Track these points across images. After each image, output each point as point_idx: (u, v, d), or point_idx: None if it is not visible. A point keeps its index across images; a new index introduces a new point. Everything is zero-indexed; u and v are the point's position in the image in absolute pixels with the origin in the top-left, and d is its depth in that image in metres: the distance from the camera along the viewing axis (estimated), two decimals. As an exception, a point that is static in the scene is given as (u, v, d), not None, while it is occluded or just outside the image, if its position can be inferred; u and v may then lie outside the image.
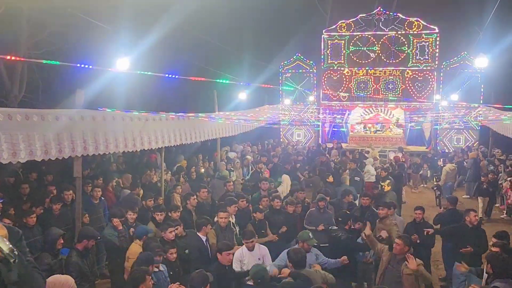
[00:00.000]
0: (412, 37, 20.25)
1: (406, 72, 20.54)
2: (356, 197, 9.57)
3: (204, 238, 6.20)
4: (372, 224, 7.14)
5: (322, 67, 21.41)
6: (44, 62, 7.20)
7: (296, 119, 20.83)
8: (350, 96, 20.88)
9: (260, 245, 6.11)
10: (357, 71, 21.05)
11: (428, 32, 20.14)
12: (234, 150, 15.73)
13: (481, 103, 19.10)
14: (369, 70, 20.89)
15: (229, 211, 6.93)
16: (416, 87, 20.51)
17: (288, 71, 21.92)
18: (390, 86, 20.73)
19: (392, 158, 15.74)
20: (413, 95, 20.43)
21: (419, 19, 20.17)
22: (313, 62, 21.74)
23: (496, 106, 15.31)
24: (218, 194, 9.34)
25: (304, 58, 21.80)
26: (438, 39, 20.13)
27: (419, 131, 21.57)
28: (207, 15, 18.13)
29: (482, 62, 13.05)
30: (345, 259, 5.98)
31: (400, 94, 20.58)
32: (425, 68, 20.40)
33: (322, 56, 21.35)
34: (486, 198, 12.08)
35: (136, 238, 5.98)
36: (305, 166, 14.29)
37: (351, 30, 20.81)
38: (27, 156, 5.32)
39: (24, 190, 8.38)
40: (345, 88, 21.13)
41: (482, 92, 19.72)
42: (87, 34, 13.88)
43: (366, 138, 20.96)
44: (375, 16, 20.45)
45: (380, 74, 20.84)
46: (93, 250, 5.88)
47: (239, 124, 13.05)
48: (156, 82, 18.45)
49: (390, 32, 20.37)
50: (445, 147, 20.33)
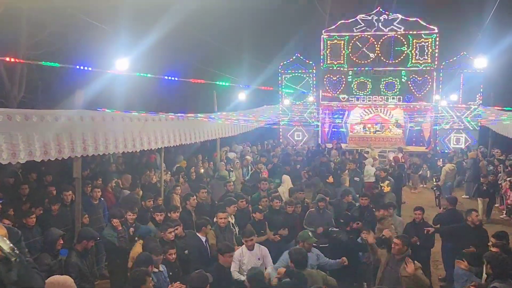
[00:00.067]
0: (411, 37, 20.24)
1: (406, 72, 20.56)
2: (356, 197, 9.58)
3: (203, 239, 6.20)
4: (371, 224, 7.18)
5: (322, 68, 21.39)
6: (44, 63, 7.19)
7: (296, 119, 20.81)
8: (350, 97, 20.91)
9: (260, 245, 6.10)
10: (356, 71, 21.07)
11: (428, 32, 20.14)
12: (234, 151, 15.72)
13: (480, 104, 19.12)
14: (368, 70, 20.91)
15: (228, 212, 6.94)
16: (416, 87, 20.54)
17: (288, 71, 21.93)
18: (390, 87, 20.74)
19: (392, 159, 15.74)
20: (412, 95, 20.47)
21: (418, 20, 20.17)
22: (312, 63, 21.74)
23: (496, 108, 15.29)
24: (218, 195, 9.34)
25: (303, 59, 21.80)
26: (438, 39, 20.14)
27: (419, 131, 21.59)
28: (207, 15, 18.13)
29: (481, 62, 13.08)
30: (344, 260, 5.97)
31: (400, 94, 20.60)
32: (424, 68, 20.41)
33: (322, 57, 21.33)
34: (486, 199, 12.03)
35: (139, 238, 5.97)
36: (304, 167, 14.29)
37: (351, 31, 20.82)
38: (27, 157, 5.32)
39: (23, 190, 8.36)
40: (344, 88, 21.13)
41: (481, 92, 19.77)
42: (86, 34, 13.88)
43: (366, 138, 20.97)
44: (375, 17, 20.45)
45: (379, 74, 20.84)
46: (92, 251, 5.88)
47: (238, 124, 13.04)
48: (155, 82, 18.45)
49: (389, 33, 20.37)
50: (444, 147, 20.36)
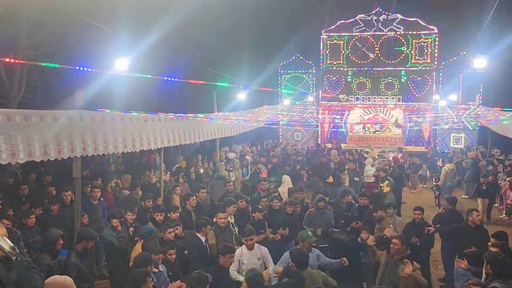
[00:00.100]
0: (411, 37, 20.24)
1: (405, 73, 20.55)
2: (356, 197, 9.57)
3: (203, 239, 6.20)
4: (371, 224, 7.19)
5: (321, 68, 21.40)
6: (43, 64, 7.19)
7: (295, 119, 20.82)
8: (349, 97, 20.92)
9: (260, 245, 6.10)
10: (356, 72, 21.06)
11: (427, 32, 20.14)
12: (234, 151, 15.71)
13: (480, 104, 19.13)
14: (368, 71, 20.90)
15: (228, 212, 6.93)
16: (415, 87, 20.54)
17: (287, 71, 21.93)
18: (389, 87, 20.75)
19: (391, 159, 15.73)
20: (412, 96, 20.47)
21: (418, 20, 20.16)
22: (312, 63, 21.74)
23: (495, 108, 15.29)
24: (218, 195, 9.34)
25: (303, 59, 21.80)
26: (437, 39, 20.13)
27: (418, 131, 21.59)
28: (206, 15, 18.11)
29: (480, 62, 13.06)
30: (345, 261, 5.94)
31: (399, 94, 20.61)
32: (424, 68, 20.41)
33: (321, 57, 21.32)
34: (486, 200, 11.98)
35: (141, 238, 5.97)
36: (304, 167, 14.29)
37: (350, 31, 20.82)
38: (26, 157, 5.31)
39: (23, 191, 8.36)
40: (344, 88, 21.13)
41: (481, 92, 19.77)
42: (86, 34, 13.85)
43: (365, 138, 20.96)
44: (374, 17, 20.45)
45: (379, 74, 20.84)
46: (92, 251, 5.89)
47: (238, 124, 13.04)
48: (155, 82, 18.44)
49: (389, 33, 20.36)
50: (444, 148, 20.36)
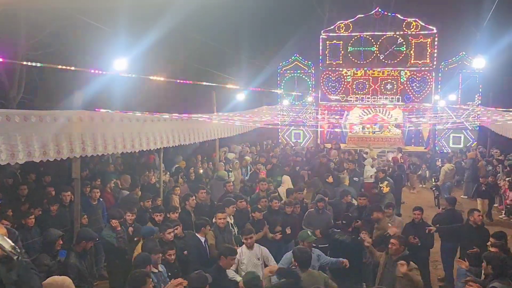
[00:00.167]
0: (410, 37, 20.26)
1: (405, 73, 20.58)
2: (356, 197, 9.57)
3: (203, 239, 6.19)
4: (370, 224, 7.18)
5: (321, 68, 21.42)
6: (42, 65, 7.19)
7: (295, 119, 20.82)
8: (349, 97, 20.92)
9: (261, 246, 6.09)
10: (355, 72, 21.08)
11: (426, 32, 20.16)
12: (233, 151, 15.70)
13: (479, 104, 19.14)
14: (367, 71, 20.92)
15: (227, 212, 6.92)
16: (415, 87, 20.56)
17: (287, 72, 21.93)
18: (389, 87, 20.77)
19: (391, 159, 15.73)
20: (411, 96, 20.49)
21: (417, 20, 20.20)
22: (311, 63, 21.77)
23: (495, 108, 15.29)
24: (217, 195, 9.33)
25: (302, 59, 21.82)
26: (436, 39, 20.16)
27: (418, 131, 21.60)
28: (206, 16, 18.12)
29: (480, 62, 13.07)
30: (345, 263, 5.91)
31: (399, 94, 20.63)
32: (423, 68, 20.43)
33: (321, 57, 21.36)
34: (486, 200, 11.92)
35: (142, 238, 5.95)
36: (304, 167, 14.28)
37: (350, 31, 20.82)
38: (26, 157, 5.31)
39: (22, 191, 8.35)
40: (343, 89, 21.17)
41: (480, 92, 19.79)
42: (85, 35, 13.85)
43: (365, 138, 20.98)
44: (373, 17, 20.47)
45: (378, 74, 20.86)
46: (91, 252, 5.88)
47: (237, 124, 13.02)
48: (154, 82, 18.41)
49: (388, 33, 20.39)
50: (443, 148, 20.38)
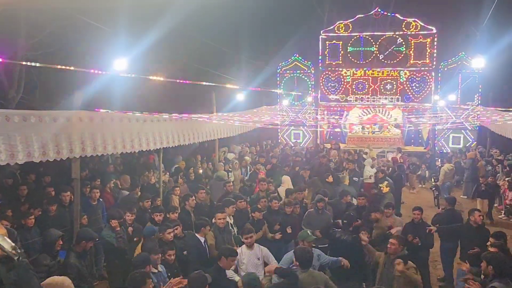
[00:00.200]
0: (409, 37, 20.25)
1: (404, 73, 20.58)
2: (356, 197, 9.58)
3: (202, 239, 6.19)
4: (369, 224, 7.19)
5: (320, 68, 21.42)
6: (41, 65, 7.19)
7: (294, 120, 20.82)
8: (348, 97, 20.93)
9: (261, 246, 6.09)
10: (355, 72, 21.08)
11: (426, 32, 20.16)
12: (233, 151, 15.70)
13: (479, 104, 19.16)
14: (367, 71, 20.92)
15: (227, 212, 6.92)
16: (414, 87, 20.56)
17: (286, 72, 21.94)
18: (388, 87, 20.78)
19: (390, 159, 15.73)
20: (411, 96, 20.51)
21: (416, 20, 20.19)
22: (311, 63, 21.77)
23: (495, 108, 15.31)
24: (217, 195, 9.32)
25: (302, 59, 21.81)
26: (436, 39, 20.15)
27: (417, 131, 21.60)
28: (205, 16, 18.12)
29: (479, 62, 13.10)
30: (346, 264, 5.89)
31: (398, 94, 20.64)
32: (422, 68, 20.43)
33: (320, 57, 21.35)
34: (485, 200, 11.93)
35: (144, 238, 5.94)
36: (304, 167, 14.25)
37: (349, 31, 20.82)
38: (25, 158, 5.31)
39: (22, 191, 8.35)
40: (343, 89, 21.18)
41: (479, 92, 19.80)
42: (85, 35, 13.83)
43: (364, 138, 20.98)
44: (373, 17, 20.48)
45: (378, 74, 20.86)
46: (91, 252, 5.87)
47: (237, 125, 13.03)
48: (154, 83, 18.40)
49: (387, 33, 20.39)
50: (443, 148, 20.39)
